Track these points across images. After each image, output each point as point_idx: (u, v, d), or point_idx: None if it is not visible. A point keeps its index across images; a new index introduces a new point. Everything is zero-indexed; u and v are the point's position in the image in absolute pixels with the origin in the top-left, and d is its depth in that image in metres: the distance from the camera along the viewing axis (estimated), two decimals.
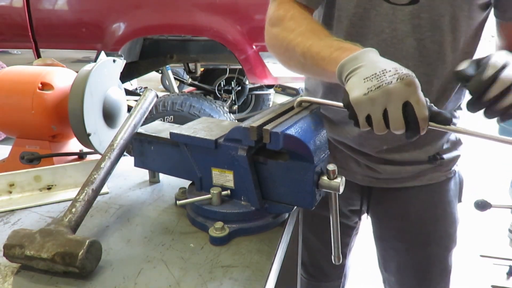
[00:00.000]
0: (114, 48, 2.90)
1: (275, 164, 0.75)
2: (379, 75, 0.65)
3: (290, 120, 0.73)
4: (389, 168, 1.06)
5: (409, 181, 1.08)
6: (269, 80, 3.03)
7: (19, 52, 3.11)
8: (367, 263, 1.92)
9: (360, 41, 0.78)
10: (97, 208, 0.88)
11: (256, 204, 0.78)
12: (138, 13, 2.91)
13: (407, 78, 0.65)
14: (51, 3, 2.98)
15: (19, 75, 1.10)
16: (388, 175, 1.07)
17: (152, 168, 0.97)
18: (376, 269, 1.26)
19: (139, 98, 0.96)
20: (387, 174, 1.07)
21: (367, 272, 2.03)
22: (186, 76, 4.39)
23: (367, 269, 2.00)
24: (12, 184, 0.94)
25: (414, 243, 1.12)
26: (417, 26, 0.89)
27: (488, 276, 2.34)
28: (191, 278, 0.66)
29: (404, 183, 1.09)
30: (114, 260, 0.70)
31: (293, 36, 0.85)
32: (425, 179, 1.08)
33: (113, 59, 1.10)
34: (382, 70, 0.66)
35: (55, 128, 1.07)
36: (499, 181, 2.97)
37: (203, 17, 2.84)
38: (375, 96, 0.65)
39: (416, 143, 0.99)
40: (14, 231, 0.69)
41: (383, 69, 0.66)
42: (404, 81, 0.64)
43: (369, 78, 0.66)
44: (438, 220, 1.11)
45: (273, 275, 0.70)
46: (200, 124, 0.87)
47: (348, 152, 1.08)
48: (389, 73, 0.65)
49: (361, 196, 1.16)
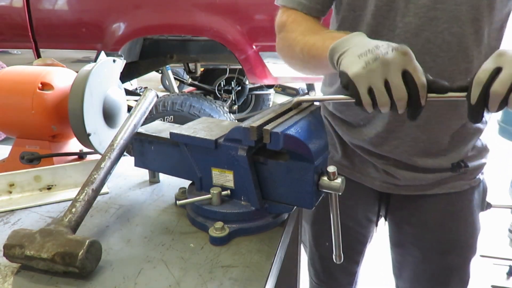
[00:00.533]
0: (114, 48, 2.90)
1: (275, 164, 0.75)
2: (373, 49, 0.67)
3: (290, 120, 0.73)
4: (408, 174, 1.01)
5: (429, 189, 1.03)
6: (269, 80, 3.03)
7: (19, 52, 3.11)
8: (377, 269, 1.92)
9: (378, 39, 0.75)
10: (97, 208, 0.88)
11: (256, 204, 0.78)
12: (138, 13, 2.91)
13: (402, 48, 0.66)
14: (51, 3, 2.98)
15: (19, 75, 1.10)
16: (407, 181, 1.02)
17: (152, 168, 0.97)
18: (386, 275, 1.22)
19: (139, 98, 0.96)
20: (406, 181, 1.02)
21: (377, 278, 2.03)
22: (186, 76, 4.39)
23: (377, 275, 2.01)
24: (12, 184, 0.94)
25: (432, 252, 1.08)
26: (433, 19, 0.85)
27: (488, 276, 2.34)
28: (191, 278, 0.66)
29: (424, 191, 1.04)
30: (114, 260, 0.70)
31: (294, 36, 0.90)
32: (446, 187, 1.02)
33: (113, 59, 1.10)
34: (375, 46, 0.67)
35: (55, 128, 1.07)
36: (499, 181, 2.97)
37: (203, 17, 2.84)
38: (374, 67, 0.65)
39: (441, 149, 0.96)
40: (14, 231, 0.69)
41: (375, 45, 0.67)
42: (400, 50, 0.66)
43: (364, 53, 0.67)
44: (458, 230, 1.06)
45: (273, 275, 0.70)
46: (200, 124, 0.87)
47: (366, 156, 1.03)
48: (382, 47, 0.67)
49: (379, 203, 1.13)
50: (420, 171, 1.00)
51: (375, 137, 0.98)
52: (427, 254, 1.09)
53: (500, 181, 2.91)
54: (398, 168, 1.01)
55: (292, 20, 0.94)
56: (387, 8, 0.88)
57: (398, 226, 1.13)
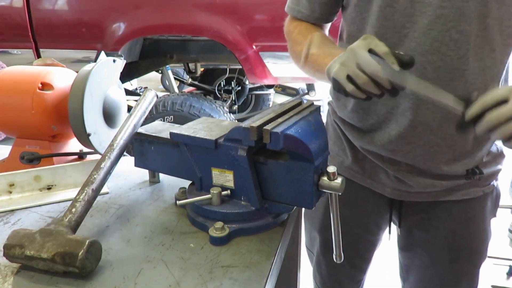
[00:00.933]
0: (114, 48, 2.90)
1: (275, 164, 0.75)
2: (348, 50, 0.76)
3: (290, 120, 0.73)
4: (421, 180, 0.99)
5: (443, 196, 1.01)
6: (269, 80, 3.03)
7: (19, 52, 3.11)
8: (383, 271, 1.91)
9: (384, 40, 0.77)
10: (97, 208, 0.88)
11: (256, 204, 0.78)
12: (138, 13, 2.91)
13: (364, 36, 0.75)
14: (51, 3, 2.98)
15: (19, 75, 1.10)
16: (420, 188, 1.00)
17: (152, 168, 0.97)
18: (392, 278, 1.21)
19: (139, 98, 0.96)
20: (419, 188, 1.00)
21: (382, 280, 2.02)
22: (186, 76, 4.39)
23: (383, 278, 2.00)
24: (12, 184, 0.94)
25: (442, 258, 1.06)
26: (441, 17, 0.84)
27: (488, 276, 2.34)
28: (191, 278, 0.66)
29: (437, 198, 1.02)
30: (114, 260, 0.70)
31: (299, 49, 0.98)
32: (460, 194, 1.01)
33: (113, 59, 1.10)
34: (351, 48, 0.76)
35: (55, 128, 1.07)
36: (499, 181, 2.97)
37: (203, 17, 2.84)
38: (345, 57, 0.75)
39: (455, 154, 0.95)
40: (14, 231, 0.69)
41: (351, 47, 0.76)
42: (362, 37, 0.75)
43: (341, 56, 0.77)
44: (470, 237, 1.05)
45: (273, 275, 0.70)
46: (200, 124, 0.87)
47: (378, 162, 1.02)
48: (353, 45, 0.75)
49: (390, 209, 1.10)
50: (433, 178, 0.99)
51: (387, 142, 0.96)
52: (436, 260, 1.07)
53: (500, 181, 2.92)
54: (410, 174, 0.99)
55: (298, 31, 1.01)
56: (391, 10, 0.87)
57: (408, 230, 1.11)
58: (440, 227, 1.05)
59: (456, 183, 0.99)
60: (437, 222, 1.05)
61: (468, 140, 0.94)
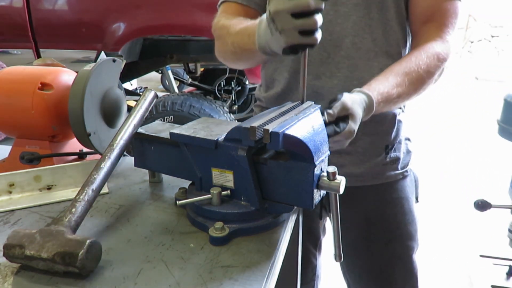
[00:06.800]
0: (114, 48, 2.90)
1: (275, 164, 0.75)
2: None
3: (290, 120, 0.73)
4: (348, 158, 1.09)
5: (367, 180, 1.13)
6: None
7: (19, 52, 3.11)
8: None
9: None
10: (97, 208, 0.88)
11: (256, 204, 0.78)
12: (138, 13, 2.91)
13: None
14: (51, 3, 2.98)
15: (19, 75, 1.10)
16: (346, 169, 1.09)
17: (152, 168, 0.97)
18: None
19: (139, 98, 0.96)
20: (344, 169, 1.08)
21: None
22: (186, 76, 4.39)
23: None
24: (12, 184, 0.94)
25: (375, 242, 1.15)
26: (358, 5, 1.01)
27: (488, 276, 2.34)
28: (191, 278, 0.66)
29: (363, 183, 1.13)
30: (114, 260, 0.70)
31: (225, 37, 1.00)
32: (383, 178, 1.14)
33: (113, 59, 1.10)
34: None
35: (55, 128, 1.07)
36: (499, 181, 2.97)
37: (203, 17, 2.84)
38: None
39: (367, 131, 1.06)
40: (14, 231, 0.69)
41: None
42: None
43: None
44: (397, 216, 1.15)
45: (273, 275, 0.70)
46: (200, 124, 0.87)
47: None
48: None
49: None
50: (355, 155, 1.09)
51: None
52: (371, 245, 1.16)
53: (500, 181, 2.92)
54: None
55: (221, 26, 1.03)
56: None
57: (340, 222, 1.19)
58: (368, 211, 1.17)
59: (377, 162, 1.12)
60: (364, 207, 1.16)
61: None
